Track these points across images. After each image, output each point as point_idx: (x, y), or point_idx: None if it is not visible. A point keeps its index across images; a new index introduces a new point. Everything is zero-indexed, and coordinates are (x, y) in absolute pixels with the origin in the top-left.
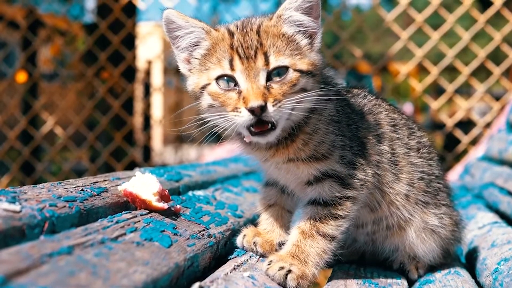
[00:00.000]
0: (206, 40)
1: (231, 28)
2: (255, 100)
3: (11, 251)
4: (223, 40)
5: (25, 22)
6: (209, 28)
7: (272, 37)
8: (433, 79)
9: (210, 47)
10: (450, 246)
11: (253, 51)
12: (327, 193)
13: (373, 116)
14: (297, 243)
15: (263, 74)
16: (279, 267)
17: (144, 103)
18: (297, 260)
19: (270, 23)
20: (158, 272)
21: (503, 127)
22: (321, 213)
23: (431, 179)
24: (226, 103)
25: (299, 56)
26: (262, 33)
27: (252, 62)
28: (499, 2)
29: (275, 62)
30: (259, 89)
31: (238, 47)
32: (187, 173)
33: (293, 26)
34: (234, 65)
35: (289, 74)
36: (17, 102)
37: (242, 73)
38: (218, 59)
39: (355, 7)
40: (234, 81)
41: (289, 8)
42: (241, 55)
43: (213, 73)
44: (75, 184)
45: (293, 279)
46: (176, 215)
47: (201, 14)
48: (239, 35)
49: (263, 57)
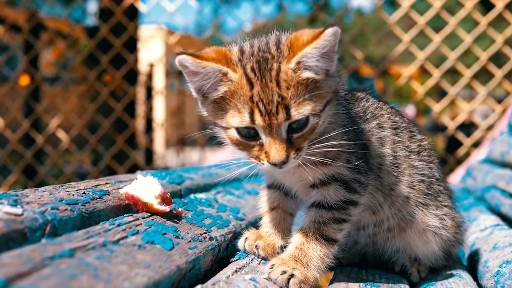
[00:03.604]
0: (224, 85)
1: (248, 71)
2: (277, 158)
3: (12, 254)
4: (242, 88)
5: (27, 25)
6: (226, 70)
7: (293, 86)
8: (435, 82)
9: (228, 92)
10: (452, 248)
11: (274, 106)
12: (332, 197)
13: (376, 119)
14: (300, 246)
15: (285, 127)
16: (281, 271)
17: (146, 106)
18: (299, 264)
19: (289, 69)
20: (159, 275)
21: (505, 129)
22: (325, 216)
23: (431, 181)
24: (247, 149)
25: (318, 95)
26: (282, 82)
27: (273, 118)
28: (501, 5)
29: (296, 115)
30: (281, 145)
31: (258, 101)
32: (189, 176)
33: (312, 70)
34: (255, 119)
35: (310, 122)
36: (19, 106)
37: (264, 128)
38: (238, 108)
39: (357, 10)
40: (255, 131)
41: (309, 56)
42: (262, 111)
43: (232, 121)
44: (77, 187)
45: (295, 283)
46: (178, 218)
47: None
48: (259, 86)
49: (285, 111)
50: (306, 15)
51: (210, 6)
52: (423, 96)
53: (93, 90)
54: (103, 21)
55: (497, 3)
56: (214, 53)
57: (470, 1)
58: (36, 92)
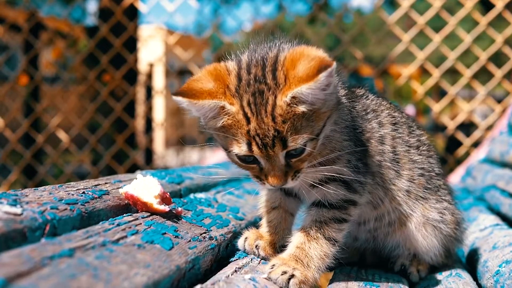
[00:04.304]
0: (222, 118)
1: (245, 106)
2: (276, 182)
3: (12, 253)
4: (239, 121)
5: (27, 25)
6: (223, 104)
7: (288, 119)
8: (435, 82)
9: (227, 124)
10: (451, 245)
11: (270, 140)
12: (332, 196)
13: (376, 116)
14: (301, 246)
15: (282, 155)
16: (282, 271)
17: (146, 106)
18: (300, 264)
19: (284, 103)
20: (159, 275)
21: (505, 129)
22: (326, 215)
23: (431, 175)
24: (247, 169)
25: (316, 118)
26: (277, 117)
27: (270, 150)
28: (501, 5)
29: (293, 145)
30: (279, 171)
31: (255, 135)
32: (188, 176)
33: (308, 103)
34: (252, 149)
35: (307, 148)
36: (19, 105)
37: (261, 157)
38: (236, 139)
39: (357, 10)
40: (254, 157)
41: (304, 94)
42: (259, 143)
43: (231, 148)
44: (76, 187)
45: (295, 284)
46: (178, 217)
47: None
48: (255, 122)
49: (281, 143)
50: (306, 15)
51: (210, 6)
52: (423, 96)
53: (93, 90)
54: (103, 21)
55: (497, 3)
56: (212, 80)
57: (470, 1)
58: (36, 92)
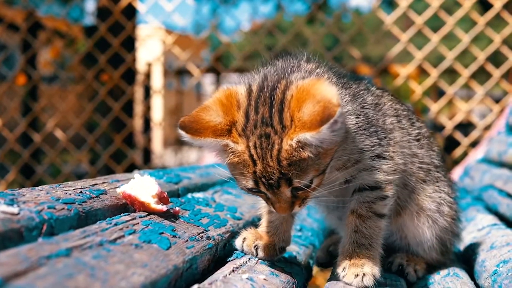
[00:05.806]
0: (228, 155)
1: (251, 147)
2: (283, 212)
3: (9, 253)
4: (245, 161)
5: (25, 24)
6: (227, 142)
7: (294, 162)
8: (433, 82)
9: (233, 161)
10: (447, 239)
11: (276, 181)
12: (368, 180)
13: (381, 110)
14: (357, 229)
15: (288, 191)
16: (354, 275)
17: (144, 106)
18: (363, 249)
19: (290, 147)
20: (156, 274)
21: (503, 129)
22: (371, 196)
23: (429, 168)
24: (256, 195)
25: (322, 159)
26: (283, 161)
27: (276, 189)
28: (499, 5)
29: (298, 184)
30: (286, 203)
31: (260, 177)
32: (186, 175)
33: (315, 146)
34: (259, 186)
35: (314, 182)
36: (17, 105)
37: (268, 192)
38: (244, 175)
39: (355, 9)
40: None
41: (309, 140)
42: (265, 184)
43: (238, 179)
44: (74, 187)
45: (368, 280)
46: (175, 217)
47: (201, 16)
48: (261, 165)
49: (287, 183)
50: (304, 15)
51: (208, 6)
52: (421, 96)
53: (91, 90)
54: (101, 20)
55: (495, 3)
56: (221, 112)
57: (468, 0)
58: (33, 91)
